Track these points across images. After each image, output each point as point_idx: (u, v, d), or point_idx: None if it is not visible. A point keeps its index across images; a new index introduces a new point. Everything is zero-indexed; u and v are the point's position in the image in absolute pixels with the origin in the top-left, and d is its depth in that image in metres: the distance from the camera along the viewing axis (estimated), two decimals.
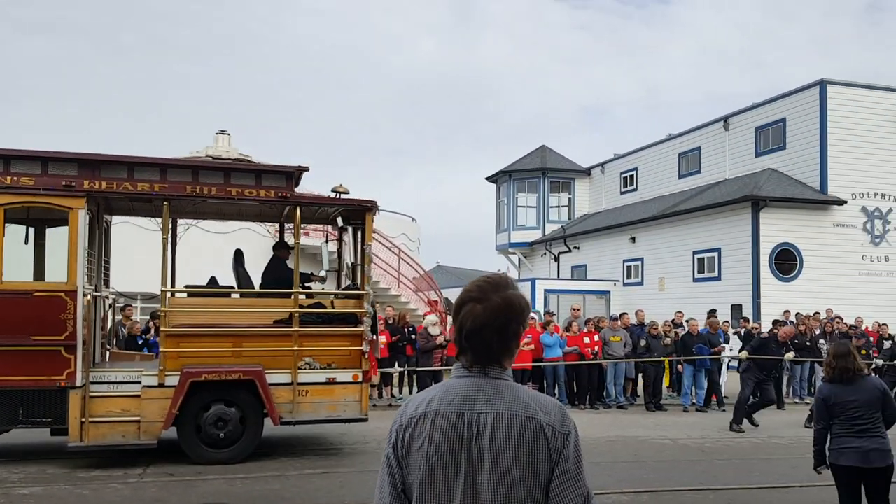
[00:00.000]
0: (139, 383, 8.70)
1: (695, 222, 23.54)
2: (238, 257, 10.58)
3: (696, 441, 11.24)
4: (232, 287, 10.32)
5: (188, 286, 10.11)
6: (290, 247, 10.59)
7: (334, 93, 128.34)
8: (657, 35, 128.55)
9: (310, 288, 10.73)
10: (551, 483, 1.84)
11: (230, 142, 24.72)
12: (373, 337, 9.70)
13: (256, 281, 10.30)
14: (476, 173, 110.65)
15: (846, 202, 21.42)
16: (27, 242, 9.66)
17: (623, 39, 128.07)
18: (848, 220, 21.59)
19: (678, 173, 27.76)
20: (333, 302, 10.05)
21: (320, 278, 11.04)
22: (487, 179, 35.53)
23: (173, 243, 10.51)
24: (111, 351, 10.73)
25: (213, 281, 10.31)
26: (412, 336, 14.68)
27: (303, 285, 10.22)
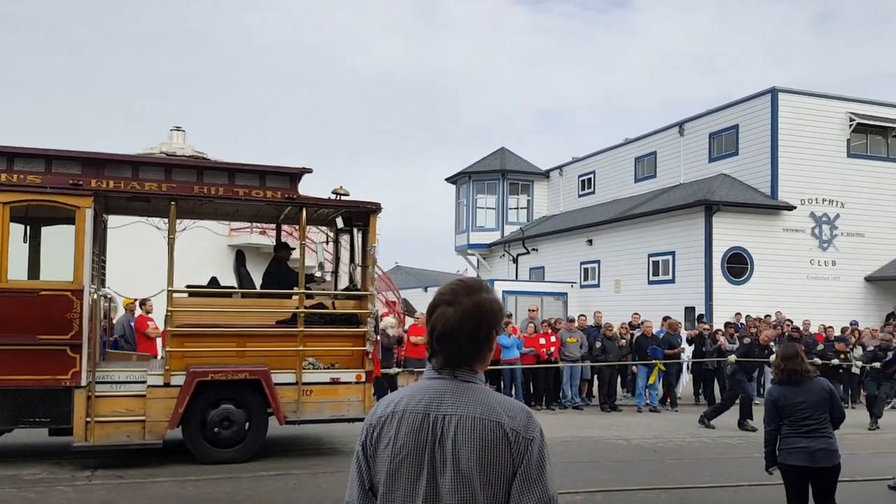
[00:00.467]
0: (144, 383, 8.70)
1: (650, 226, 23.89)
2: (240, 258, 10.70)
3: (650, 441, 11.41)
4: (233, 287, 10.39)
5: (189, 286, 10.05)
6: (291, 248, 10.80)
7: (293, 91, 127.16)
8: (616, 40, 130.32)
9: (310, 288, 10.77)
10: (513, 488, 1.82)
11: (185, 138, 24.34)
12: (376, 337, 9.86)
13: (257, 281, 10.43)
14: (436, 174, 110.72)
15: (795, 208, 21.94)
16: (25, 241, 9.60)
17: (583, 44, 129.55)
18: (797, 226, 22.12)
19: (634, 177, 28.13)
20: (334, 302, 10.17)
21: (322, 279, 11.18)
22: (447, 180, 35.56)
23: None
24: (108, 351, 10.65)
25: (214, 281, 10.40)
26: None
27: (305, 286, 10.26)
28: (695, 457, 10.19)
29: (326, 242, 12.33)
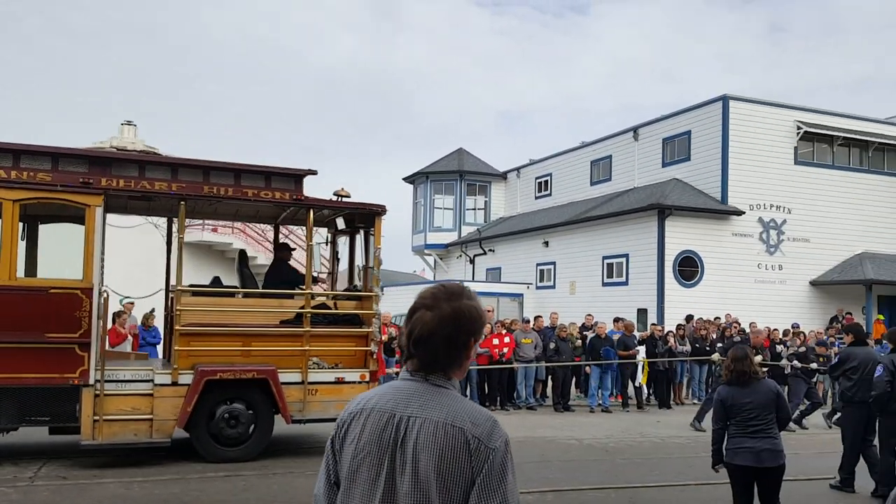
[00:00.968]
0: (151, 381, 8.66)
1: (605, 229, 24.20)
2: (242, 258, 10.72)
3: (601, 441, 11.55)
4: (235, 287, 10.38)
5: (192, 285, 9.93)
6: (292, 248, 10.92)
7: (249, 86, 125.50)
8: (573, 44, 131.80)
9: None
10: (471, 497, 1.79)
11: (136, 133, 23.90)
12: (380, 338, 9.96)
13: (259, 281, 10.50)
14: (393, 173, 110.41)
15: (744, 213, 22.46)
16: (23, 238, 9.46)
17: (541, 47, 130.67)
18: (746, 230, 22.66)
19: (590, 180, 28.47)
20: (336, 303, 10.23)
21: (323, 280, 11.21)
22: (404, 180, 35.50)
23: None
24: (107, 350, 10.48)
25: (217, 281, 10.37)
26: None
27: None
28: (645, 456, 10.36)
29: (326, 243, 12.30)
